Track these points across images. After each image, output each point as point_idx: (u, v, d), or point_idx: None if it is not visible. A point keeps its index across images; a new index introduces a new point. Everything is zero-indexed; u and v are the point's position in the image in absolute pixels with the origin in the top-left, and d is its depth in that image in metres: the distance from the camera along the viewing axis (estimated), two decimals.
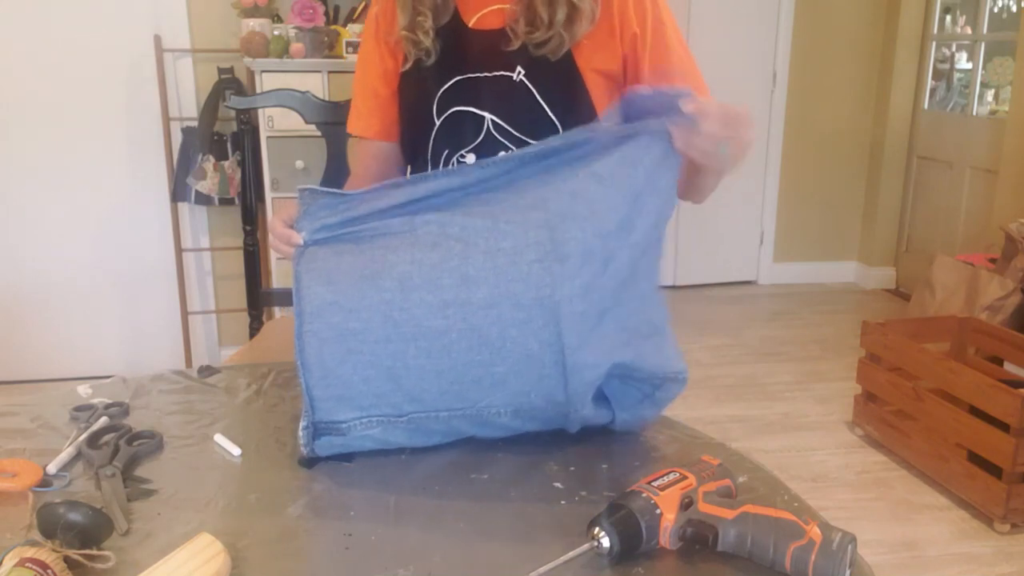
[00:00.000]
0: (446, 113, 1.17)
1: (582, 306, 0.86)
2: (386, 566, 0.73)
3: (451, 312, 0.85)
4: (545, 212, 0.88)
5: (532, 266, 0.85)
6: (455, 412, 0.90)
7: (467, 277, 0.86)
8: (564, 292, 0.85)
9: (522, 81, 1.13)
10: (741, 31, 4.04)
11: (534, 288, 0.85)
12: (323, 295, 0.87)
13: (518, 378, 0.87)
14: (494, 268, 0.86)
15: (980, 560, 2.09)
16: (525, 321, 0.85)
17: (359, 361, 0.87)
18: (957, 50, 4.16)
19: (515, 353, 0.86)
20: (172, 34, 2.96)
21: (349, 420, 0.89)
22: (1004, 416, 2.14)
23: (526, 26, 1.12)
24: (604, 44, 1.14)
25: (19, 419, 1.02)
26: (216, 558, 0.70)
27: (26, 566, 0.65)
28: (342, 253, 0.90)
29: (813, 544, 0.70)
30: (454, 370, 0.87)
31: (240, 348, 1.87)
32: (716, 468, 0.80)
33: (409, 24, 1.17)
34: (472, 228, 0.88)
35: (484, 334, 0.86)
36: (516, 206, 0.89)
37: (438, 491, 0.86)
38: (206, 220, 3.15)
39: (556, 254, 0.86)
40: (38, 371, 3.11)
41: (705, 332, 3.70)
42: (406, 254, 0.87)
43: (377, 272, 0.87)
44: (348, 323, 0.86)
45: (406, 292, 0.86)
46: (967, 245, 3.79)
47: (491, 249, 0.86)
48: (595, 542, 0.72)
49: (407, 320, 0.86)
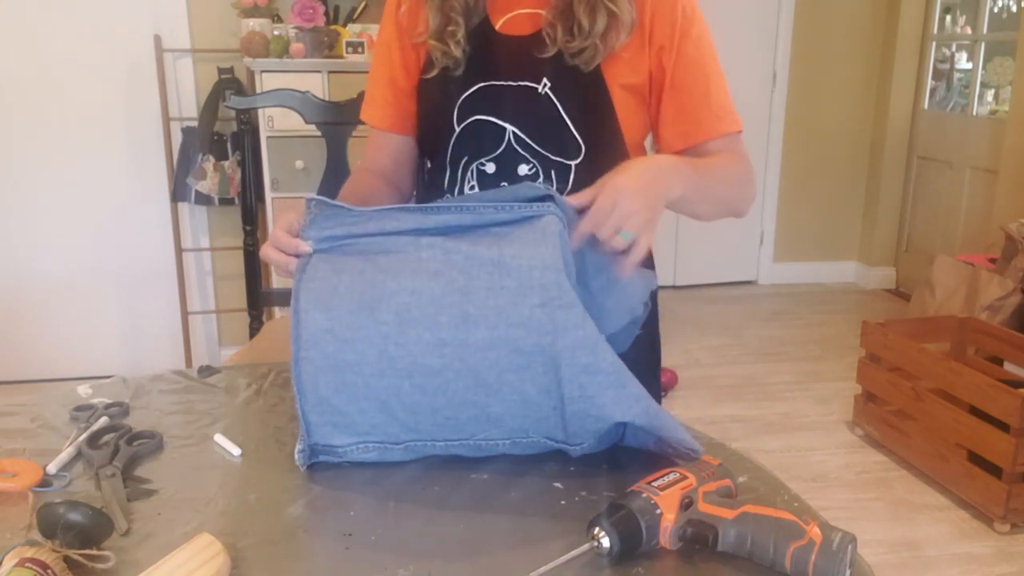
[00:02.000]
0: (467, 121, 1.13)
1: (587, 358, 0.81)
2: (386, 566, 0.73)
3: (448, 351, 0.82)
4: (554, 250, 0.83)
5: (534, 311, 0.81)
6: (452, 442, 0.88)
7: (466, 316, 0.82)
8: (566, 342, 0.81)
9: (547, 94, 1.10)
10: (741, 31, 4.05)
11: (535, 334, 0.81)
12: (320, 322, 0.84)
13: (515, 419, 0.85)
14: (495, 308, 0.82)
15: (980, 560, 2.09)
16: (523, 367, 0.82)
17: (354, 392, 0.85)
18: (957, 50, 4.16)
19: (512, 396, 0.83)
20: (172, 34, 2.96)
21: (345, 445, 0.88)
22: (1004, 416, 2.14)
23: (565, 33, 1.08)
24: (632, 57, 1.10)
25: (19, 419, 1.02)
26: (216, 558, 0.70)
27: (26, 566, 0.65)
28: (342, 272, 0.86)
29: (813, 544, 0.70)
30: (450, 407, 0.85)
31: (240, 348, 1.87)
32: (716, 468, 0.80)
33: (439, 31, 1.12)
34: (477, 260, 0.83)
35: (481, 376, 0.82)
36: (524, 240, 0.84)
37: (438, 491, 0.86)
38: (206, 220, 3.15)
39: (564, 299, 0.81)
40: (38, 371, 3.11)
41: (705, 332, 3.70)
42: (407, 282, 0.84)
43: (376, 300, 0.84)
44: (343, 354, 0.84)
45: (403, 327, 0.83)
46: (967, 245, 3.79)
47: (494, 286, 0.82)
48: (595, 542, 0.72)
49: (403, 356, 0.83)
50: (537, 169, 1.13)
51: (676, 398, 3.04)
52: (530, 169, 1.13)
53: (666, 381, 3.07)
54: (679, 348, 3.49)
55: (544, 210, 0.86)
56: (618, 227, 0.87)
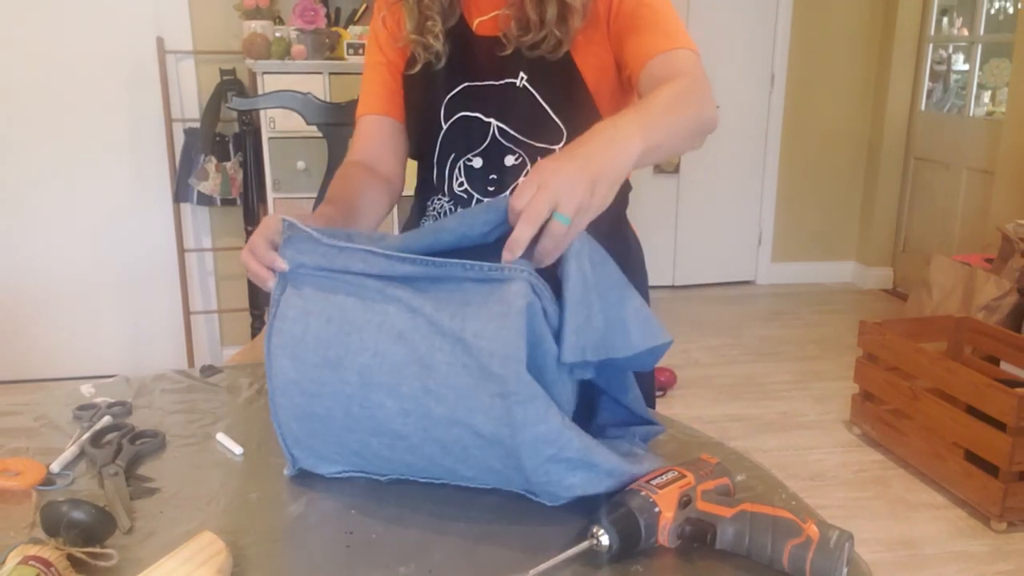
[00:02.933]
0: (453, 118, 1.17)
1: (550, 450, 0.76)
2: (387, 564, 0.74)
3: (411, 420, 0.80)
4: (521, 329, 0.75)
5: (494, 400, 0.76)
6: (434, 479, 0.88)
7: (427, 390, 0.78)
8: (526, 436, 0.75)
9: (525, 87, 1.13)
10: (739, 32, 4.05)
11: (494, 423, 0.76)
12: (288, 372, 0.83)
13: (487, 478, 0.84)
14: (455, 388, 0.77)
15: (977, 558, 2.09)
16: (486, 446, 0.79)
17: (327, 440, 0.85)
18: (954, 52, 4.17)
19: (480, 465, 0.81)
20: (174, 36, 2.96)
21: (330, 472, 0.89)
22: (1001, 415, 2.15)
23: (517, 30, 1.11)
24: (597, 37, 1.13)
25: (22, 418, 1.03)
26: (218, 556, 0.70)
27: (29, 564, 0.66)
28: (311, 314, 0.83)
29: (811, 542, 0.70)
30: (421, 462, 0.84)
31: (242, 348, 1.88)
32: (714, 467, 0.80)
33: (417, 28, 1.16)
34: (439, 330, 0.78)
35: (446, 446, 0.80)
36: (488, 315, 0.77)
37: (438, 489, 0.86)
38: (208, 220, 3.16)
39: (520, 395, 0.75)
40: (41, 371, 3.12)
41: (704, 332, 3.70)
42: (370, 341, 0.80)
43: (339, 358, 0.81)
44: (311, 407, 0.83)
45: (366, 390, 0.80)
46: (964, 245, 3.80)
47: (455, 363, 0.77)
48: (594, 540, 0.73)
49: (367, 417, 0.81)
50: (523, 158, 1.16)
51: (675, 397, 3.05)
52: (516, 159, 1.16)
53: (665, 381, 3.08)
54: (678, 348, 3.50)
55: (514, 274, 0.77)
56: (545, 206, 0.76)
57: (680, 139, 0.96)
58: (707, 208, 4.24)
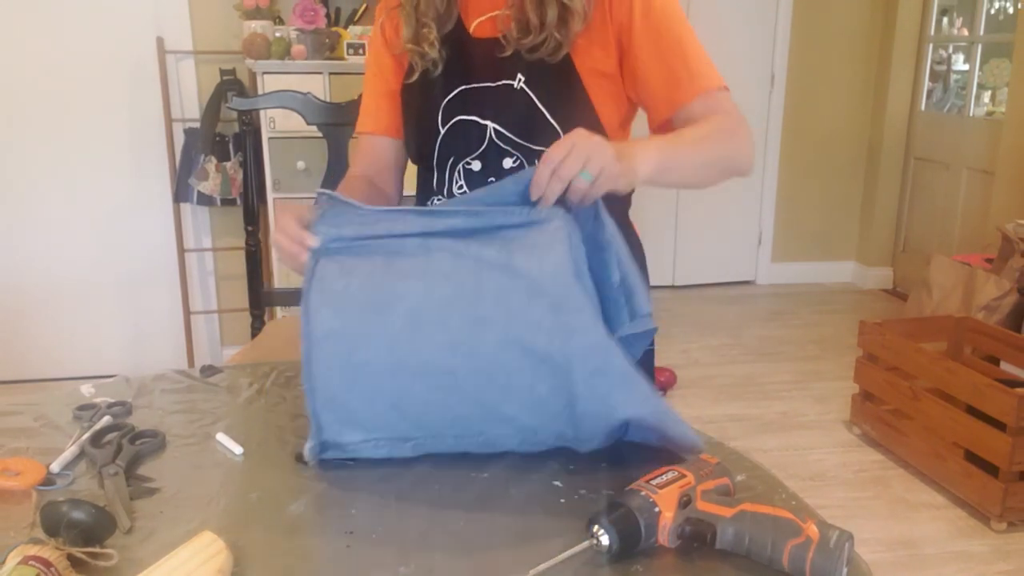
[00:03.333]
0: (451, 122, 1.17)
1: (598, 361, 0.82)
2: (387, 564, 0.74)
3: (459, 353, 0.82)
4: (565, 253, 0.84)
5: (545, 315, 0.81)
6: (461, 439, 0.89)
7: (478, 318, 0.82)
8: (577, 346, 0.81)
9: (522, 89, 1.13)
10: (739, 32, 4.05)
11: (546, 337, 0.81)
12: (330, 321, 0.84)
13: (527, 418, 0.86)
14: (506, 310, 0.82)
15: (977, 558, 2.10)
16: (535, 368, 0.82)
17: (365, 391, 0.85)
18: (954, 52, 4.17)
19: (523, 396, 0.84)
20: (174, 36, 2.97)
21: (355, 442, 0.88)
22: (1001, 415, 2.15)
23: (518, 32, 1.11)
24: (598, 41, 1.12)
25: (23, 418, 1.03)
26: (218, 556, 0.71)
27: (29, 564, 0.66)
28: (351, 274, 0.86)
29: (811, 542, 0.70)
30: (462, 405, 0.85)
31: (242, 348, 1.88)
32: (714, 467, 0.80)
33: (414, 36, 1.16)
34: (487, 264, 0.84)
35: (492, 376, 0.83)
36: (533, 245, 0.85)
37: (438, 489, 0.86)
38: (208, 220, 3.16)
39: (574, 303, 0.82)
40: (41, 370, 3.12)
41: (704, 332, 3.70)
42: (417, 284, 0.84)
43: (386, 302, 0.84)
44: (354, 353, 0.84)
45: (414, 328, 0.83)
46: (964, 245, 3.80)
47: (504, 289, 0.82)
48: (594, 540, 0.73)
49: (414, 356, 0.83)
50: (521, 161, 1.16)
51: (675, 397, 3.05)
52: (514, 162, 1.16)
53: (665, 381, 3.08)
54: (678, 348, 3.50)
55: (552, 214, 0.86)
56: (577, 166, 0.86)
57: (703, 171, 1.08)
58: (707, 208, 4.24)
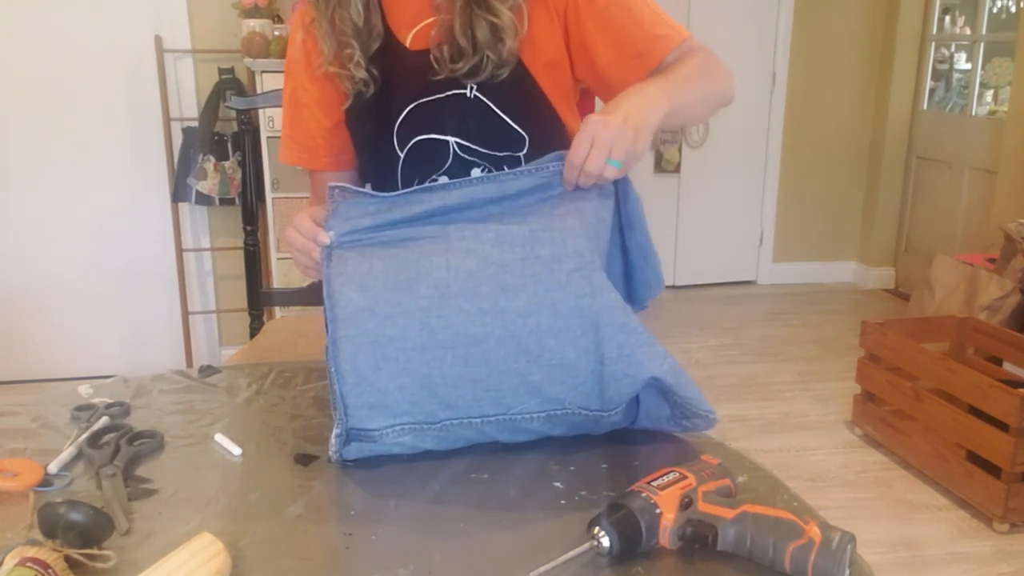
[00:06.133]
0: (409, 144, 1.12)
1: (623, 318, 0.85)
2: (386, 566, 0.73)
3: (489, 320, 0.84)
4: (582, 221, 0.87)
5: (571, 275, 0.85)
6: (488, 418, 0.89)
7: (505, 285, 0.85)
8: (604, 302, 0.85)
9: (476, 96, 1.08)
10: (740, 31, 4.05)
11: (573, 297, 0.84)
12: (357, 300, 0.85)
13: (554, 386, 0.87)
14: (532, 276, 0.85)
15: (979, 560, 2.09)
16: (563, 330, 0.85)
17: (394, 368, 0.85)
18: (956, 50, 4.16)
19: (552, 361, 0.85)
20: (173, 35, 2.96)
21: (382, 428, 0.88)
22: (1003, 416, 2.15)
23: (451, 62, 1.05)
24: (544, 33, 1.07)
25: (20, 419, 1.03)
26: (216, 557, 0.70)
27: (27, 565, 0.66)
28: (373, 258, 0.88)
29: (812, 543, 0.70)
30: (491, 378, 0.86)
31: (241, 348, 1.87)
32: (716, 468, 0.80)
33: (336, 57, 1.09)
34: (508, 235, 0.87)
35: (522, 342, 0.85)
36: (551, 215, 0.88)
37: (438, 491, 0.86)
38: (207, 220, 3.16)
39: (596, 264, 0.85)
40: (39, 371, 3.12)
41: (705, 332, 3.70)
42: (441, 260, 0.86)
43: (412, 279, 0.86)
44: (383, 330, 0.85)
45: (443, 299, 0.85)
46: (966, 245, 3.79)
47: (528, 256, 0.85)
48: (595, 541, 0.72)
49: (444, 327, 0.85)
50: (489, 169, 1.12)
51: None
52: (483, 171, 1.12)
53: None
54: (679, 348, 3.49)
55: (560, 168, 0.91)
56: (602, 160, 0.89)
57: (700, 106, 1.07)
58: (708, 208, 4.24)
